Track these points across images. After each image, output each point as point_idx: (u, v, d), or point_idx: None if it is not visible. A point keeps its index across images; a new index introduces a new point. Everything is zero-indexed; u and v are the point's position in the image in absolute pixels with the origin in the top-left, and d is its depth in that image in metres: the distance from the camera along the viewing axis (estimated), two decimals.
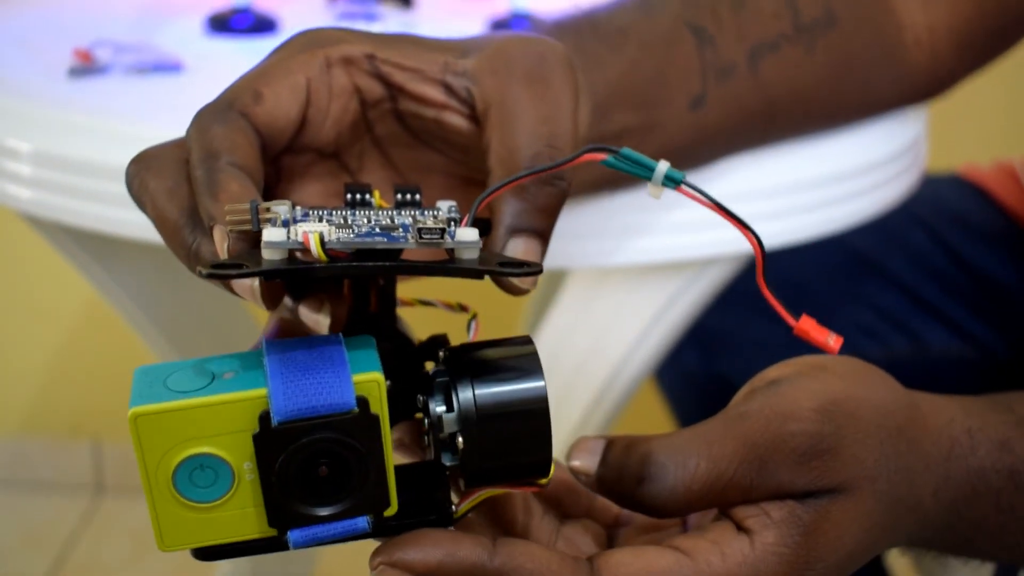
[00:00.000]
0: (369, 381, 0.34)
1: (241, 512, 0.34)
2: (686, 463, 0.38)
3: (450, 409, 0.36)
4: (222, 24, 0.82)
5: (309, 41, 0.43)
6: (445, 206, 0.38)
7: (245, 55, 0.78)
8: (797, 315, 0.39)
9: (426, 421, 0.38)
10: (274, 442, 0.33)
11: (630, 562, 0.37)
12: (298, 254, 0.34)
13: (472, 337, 0.40)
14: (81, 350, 1.70)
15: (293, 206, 0.37)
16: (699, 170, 0.62)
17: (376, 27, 0.86)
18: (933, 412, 0.42)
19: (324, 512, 0.35)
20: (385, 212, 0.37)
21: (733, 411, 0.40)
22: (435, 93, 0.42)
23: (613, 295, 0.69)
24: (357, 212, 0.37)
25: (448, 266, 0.33)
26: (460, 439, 0.36)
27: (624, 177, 0.58)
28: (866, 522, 0.40)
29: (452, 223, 0.36)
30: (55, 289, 1.65)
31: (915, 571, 0.85)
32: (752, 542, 0.38)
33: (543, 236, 0.41)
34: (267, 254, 0.33)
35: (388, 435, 0.35)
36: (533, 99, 0.42)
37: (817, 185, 0.65)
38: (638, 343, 0.69)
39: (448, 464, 0.37)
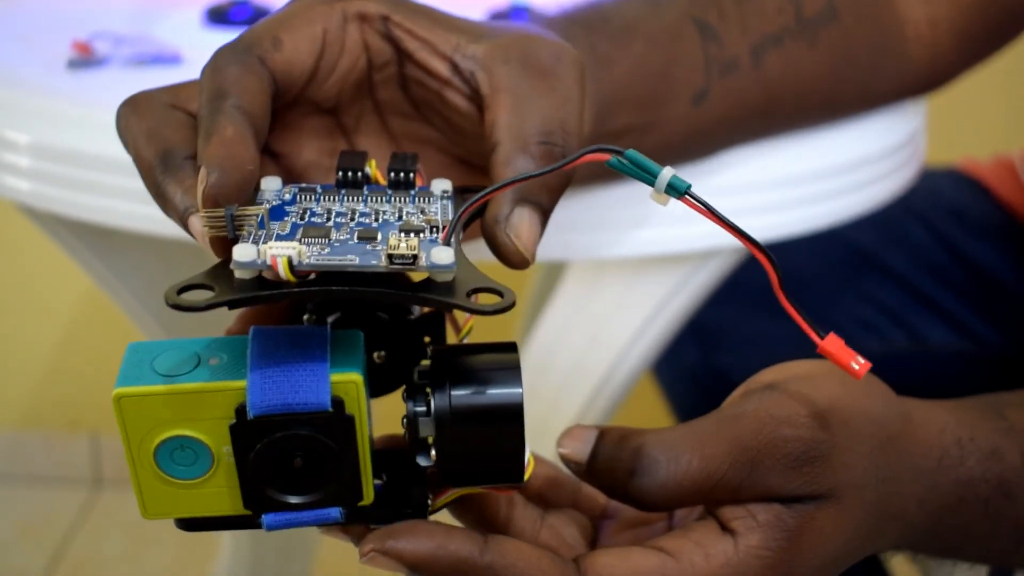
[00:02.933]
0: (347, 382, 0.34)
1: (220, 491, 0.35)
2: (678, 459, 0.39)
3: (427, 411, 0.36)
4: (221, 16, 0.82)
5: None
6: (439, 189, 0.38)
7: None
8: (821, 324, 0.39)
9: (404, 420, 0.37)
10: (249, 433, 0.34)
11: (616, 564, 0.38)
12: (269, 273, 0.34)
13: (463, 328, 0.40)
14: (79, 343, 1.70)
15: (283, 186, 0.37)
16: (697, 163, 0.62)
17: None
18: (925, 422, 0.43)
19: (297, 500, 0.35)
20: (374, 200, 0.36)
21: (728, 411, 0.40)
22: (441, 68, 0.42)
23: (611, 288, 0.69)
24: (344, 198, 0.36)
25: (417, 294, 0.33)
26: (432, 441, 0.36)
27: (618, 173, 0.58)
28: (850, 529, 0.40)
29: (434, 230, 0.36)
30: (53, 282, 1.65)
31: (915, 570, 0.85)
32: (736, 544, 0.38)
33: (545, 214, 0.41)
34: (238, 273, 0.33)
35: (365, 432, 0.35)
36: (546, 90, 0.42)
37: (815, 178, 0.65)
38: (636, 337, 0.69)
39: (423, 465, 0.37)
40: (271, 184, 0.39)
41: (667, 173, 0.35)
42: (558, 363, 0.71)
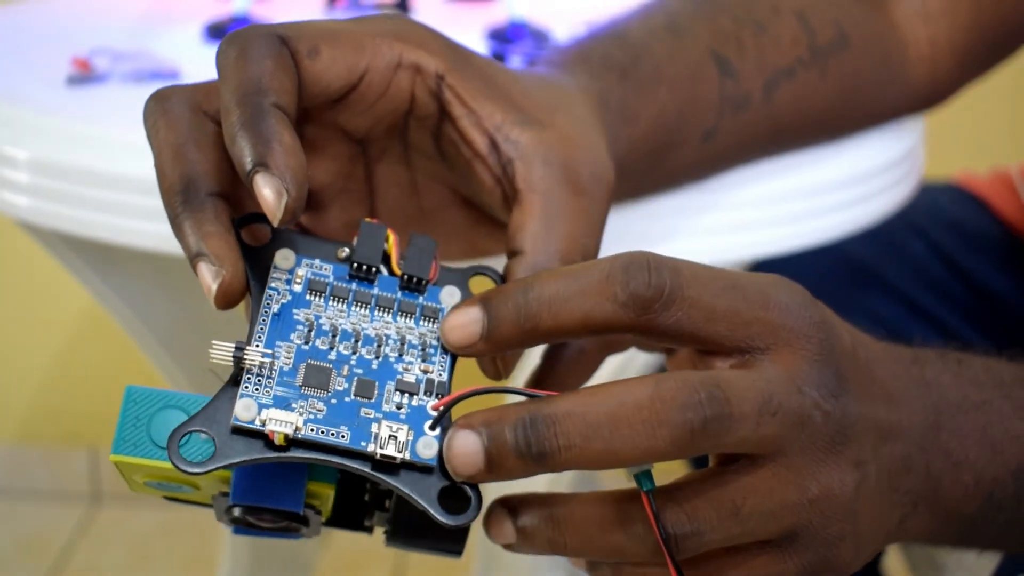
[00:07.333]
0: (321, 493, 0.37)
1: (203, 497, 0.39)
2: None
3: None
4: (220, 32, 0.82)
5: (394, 30, 0.41)
6: (449, 302, 0.39)
7: None
8: None
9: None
10: (229, 508, 0.37)
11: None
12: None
13: None
14: (78, 357, 1.70)
15: (296, 262, 0.38)
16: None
17: None
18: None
19: (266, 525, 0.39)
20: (381, 312, 0.38)
21: None
22: (480, 142, 0.41)
23: None
24: (352, 305, 0.38)
25: (391, 482, 0.35)
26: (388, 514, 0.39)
27: (623, 193, 0.58)
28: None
29: (429, 392, 0.37)
30: (52, 297, 1.65)
31: (909, 572, 0.85)
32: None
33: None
34: (238, 419, 0.35)
35: (329, 510, 0.39)
36: (578, 210, 0.41)
37: (814, 193, 0.65)
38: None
39: (367, 524, 0.40)
40: (284, 261, 0.38)
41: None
42: None
